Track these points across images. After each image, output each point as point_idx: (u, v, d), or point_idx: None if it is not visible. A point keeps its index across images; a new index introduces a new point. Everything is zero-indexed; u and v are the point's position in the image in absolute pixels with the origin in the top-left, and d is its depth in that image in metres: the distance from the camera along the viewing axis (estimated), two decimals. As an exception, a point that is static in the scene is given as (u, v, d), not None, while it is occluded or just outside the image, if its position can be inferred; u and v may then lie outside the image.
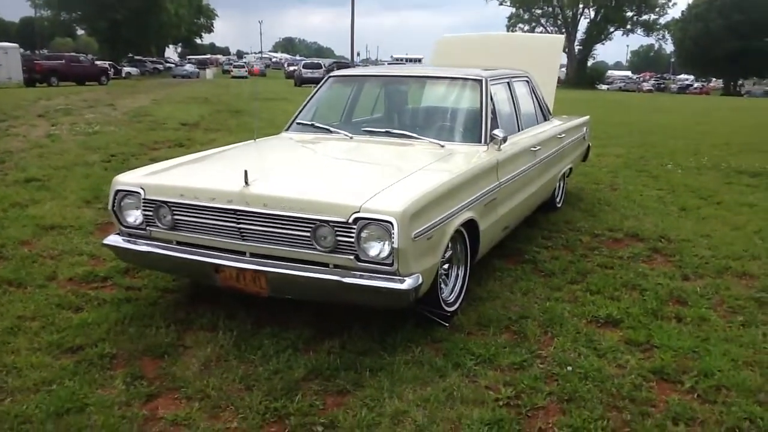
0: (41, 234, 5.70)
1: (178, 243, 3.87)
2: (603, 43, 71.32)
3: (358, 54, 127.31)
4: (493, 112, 4.89)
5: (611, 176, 9.00)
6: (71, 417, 2.95)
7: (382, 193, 3.44)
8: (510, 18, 69.94)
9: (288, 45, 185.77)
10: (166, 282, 4.60)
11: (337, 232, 3.36)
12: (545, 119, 6.25)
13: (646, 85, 67.37)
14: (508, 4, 69.02)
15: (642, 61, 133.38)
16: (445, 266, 4.03)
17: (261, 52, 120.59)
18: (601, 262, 5.16)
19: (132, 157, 9.79)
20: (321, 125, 5.12)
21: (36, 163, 9.11)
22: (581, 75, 64.87)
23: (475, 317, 4.05)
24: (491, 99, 4.92)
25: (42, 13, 70.25)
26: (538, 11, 68.73)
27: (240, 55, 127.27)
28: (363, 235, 3.33)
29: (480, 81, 4.97)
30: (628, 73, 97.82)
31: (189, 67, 58.15)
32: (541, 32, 68.75)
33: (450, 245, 4.04)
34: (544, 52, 7.16)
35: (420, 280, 3.38)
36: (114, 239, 4.07)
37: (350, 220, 3.31)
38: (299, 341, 3.67)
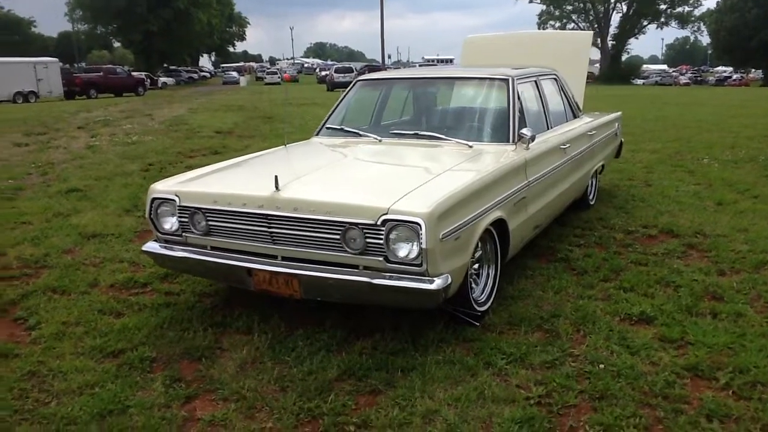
0: (83, 242, 5.87)
1: (213, 248, 3.96)
2: (636, 38, 70.31)
3: (389, 56, 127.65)
4: (521, 111, 4.90)
5: (646, 172, 8.89)
6: (114, 418, 3.06)
7: (410, 195, 3.48)
8: (540, 15, 69.43)
9: (319, 50, 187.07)
10: (203, 286, 4.71)
11: (366, 234, 3.41)
12: (575, 117, 6.22)
13: (683, 79, 66.08)
14: (539, 1, 68.49)
15: (678, 54, 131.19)
16: (475, 266, 4.06)
17: (293, 58, 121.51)
18: (635, 259, 5.12)
19: (169, 165, 10.00)
20: (350, 129, 5.18)
21: (77, 173, 9.37)
22: (615, 70, 63.93)
23: (507, 316, 4.07)
24: (518, 98, 4.92)
25: (79, 27, 71.84)
26: (569, 7, 67.95)
27: (273, 61, 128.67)
28: (391, 236, 3.37)
29: (507, 80, 4.98)
30: (664, 66, 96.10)
31: (234, 74, 62.66)
32: (572, 29, 68.14)
33: (479, 245, 4.07)
34: (573, 49, 7.13)
35: (449, 280, 3.41)
36: (152, 246, 4.19)
37: (379, 222, 3.36)
38: (332, 342, 3.73)
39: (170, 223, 4.09)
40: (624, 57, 72.44)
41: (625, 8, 66.59)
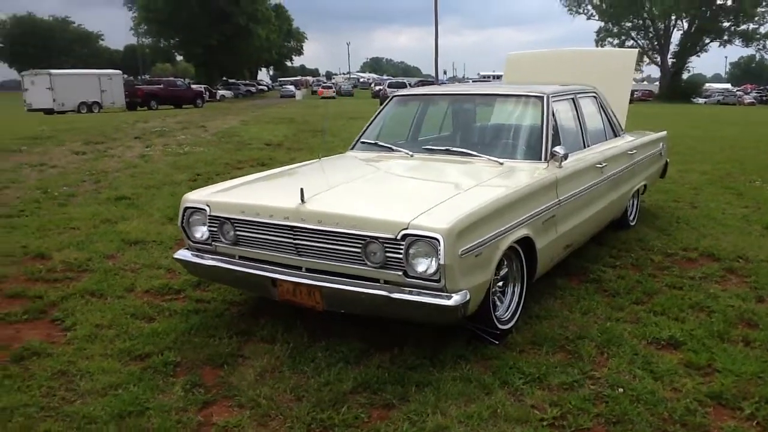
0: (125, 248, 6.06)
1: (241, 258, 4.05)
2: (698, 55, 68.38)
3: (445, 72, 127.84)
4: (555, 128, 4.86)
5: (693, 193, 8.66)
6: (132, 419, 3.15)
7: (431, 211, 3.49)
8: (598, 32, 68.34)
9: (375, 65, 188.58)
10: (233, 295, 4.80)
11: (386, 248, 3.44)
12: (615, 135, 6.13)
13: (748, 98, 63.93)
14: (597, 18, 67.48)
15: (743, 72, 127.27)
16: (500, 284, 4.03)
17: (349, 73, 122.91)
18: (670, 282, 5.00)
19: (216, 176, 10.22)
20: (383, 144, 5.23)
21: (128, 182, 9.68)
22: (676, 89, 62.42)
23: (530, 336, 4.02)
24: (553, 116, 4.89)
25: (143, 41, 74.36)
26: (628, 24, 66.73)
27: (329, 76, 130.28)
28: (411, 251, 3.39)
29: (541, 98, 4.95)
30: (728, 85, 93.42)
31: (291, 88, 64.29)
32: (630, 46, 66.93)
33: (505, 263, 4.05)
34: (616, 67, 7.03)
35: (467, 297, 3.40)
36: (183, 254, 4.31)
37: (399, 237, 3.38)
38: (351, 354, 3.75)
39: (201, 232, 4.20)
40: (685, 75, 70.77)
41: (686, 25, 65.05)
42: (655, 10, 63.65)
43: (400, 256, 3.41)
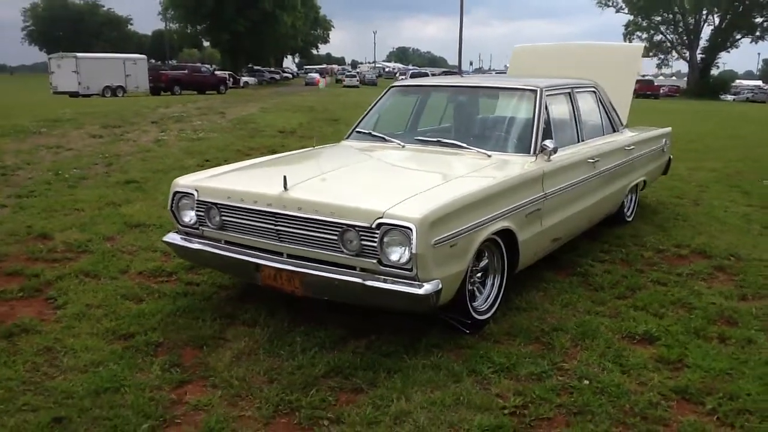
0: (126, 231, 6.19)
1: (226, 242, 4.14)
2: (728, 51, 67.09)
3: (471, 63, 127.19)
4: (546, 122, 4.88)
5: (698, 191, 8.60)
6: (107, 395, 3.25)
7: (408, 201, 3.55)
8: (627, 26, 67.36)
9: (402, 55, 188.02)
10: (223, 279, 4.90)
11: (362, 237, 3.51)
12: (614, 130, 6.12)
13: (778, 95, 62.76)
14: (626, 11, 66.54)
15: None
16: (479, 275, 4.09)
17: (375, 62, 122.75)
18: (657, 278, 5.00)
19: (225, 162, 10.30)
20: (377, 134, 5.28)
21: (138, 166, 9.84)
22: (704, 85, 61.47)
23: (507, 326, 4.07)
24: (546, 109, 4.90)
25: (171, 26, 74.85)
26: (657, 18, 65.69)
27: (354, 64, 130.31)
28: (385, 240, 3.46)
29: (535, 92, 4.97)
30: (759, 82, 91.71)
31: (316, 75, 64.66)
32: (660, 40, 66.03)
33: (486, 254, 4.10)
34: (621, 62, 6.99)
35: (439, 286, 3.46)
36: (172, 237, 4.42)
37: (373, 225, 3.45)
38: (328, 340, 3.84)
39: (189, 216, 4.30)
40: (715, 71, 69.63)
41: (717, 20, 63.88)
42: (686, 4, 62.64)
43: (375, 244, 3.47)
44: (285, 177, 3.83)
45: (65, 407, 3.14)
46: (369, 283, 3.50)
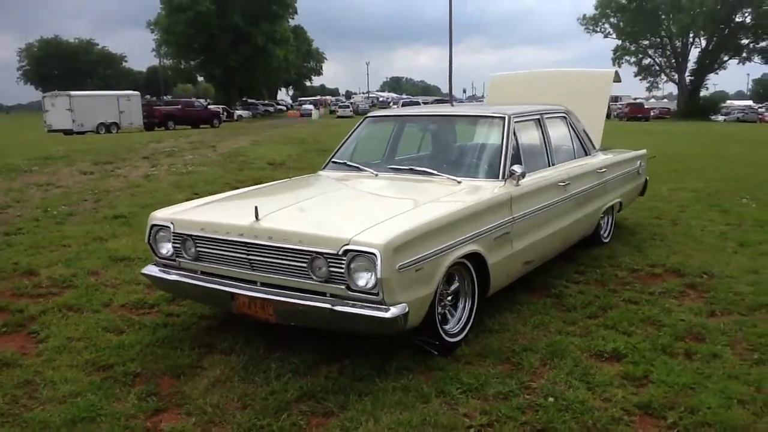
0: (110, 265, 6.29)
1: (203, 273, 4.24)
2: (717, 73, 67.83)
3: (464, 91, 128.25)
4: (515, 148, 5.01)
5: (678, 210, 8.72)
6: (83, 425, 3.34)
7: (374, 227, 3.66)
8: (615, 50, 68.21)
9: (395, 84, 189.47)
10: (203, 310, 4.98)
11: (330, 263, 3.62)
12: (586, 154, 6.26)
13: (768, 115, 63.25)
14: (614, 36, 67.43)
15: (766, 89, 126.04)
16: (449, 298, 4.19)
17: (368, 92, 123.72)
18: (629, 297, 5.10)
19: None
20: (351, 163, 5.41)
21: (127, 201, 9.96)
22: (693, 106, 62.10)
23: (479, 348, 4.16)
24: (514, 135, 5.04)
25: (165, 62, 75.63)
26: (645, 42, 66.56)
27: (348, 95, 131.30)
28: (352, 266, 3.56)
29: (503, 118, 5.11)
30: (750, 102, 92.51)
31: (310, 107, 65.16)
32: (648, 64, 66.79)
33: (456, 277, 4.21)
34: (593, 87, 7.18)
35: (406, 310, 3.56)
36: (150, 269, 4.52)
37: (340, 252, 3.56)
38: (302, 366, 3.92)
39: (166, 249, 4.41)
40: (705, 92, 70.31)
41: (704, 43, 64.70)
42: (673, 28, 63.56)
43: (343, 270, 3.58)
44: (256, 207, 3.95)
45: (41, 437, 3.21)
46: (338, 308, 3.60)
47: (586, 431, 3.20)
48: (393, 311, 3.51)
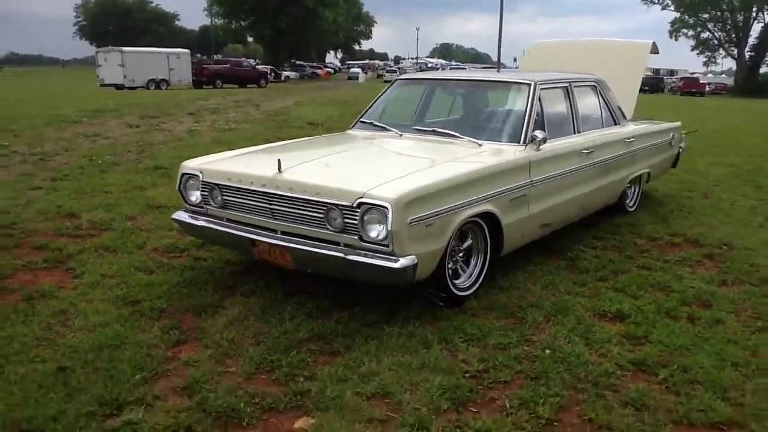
0: (147, 212, 6.60)
1: (228, 220, 4.47)
2: (779, 48, 65.04)
3: (515, 59, 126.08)
4: (539, 114, 5.08)
5: (711, 184, 8.64)
6: (109, 351, 3.61)
7: (388, 183, 3.81)
8: (673, 23, 66.02)
9: (445, 50, 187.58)
10: (229, 255, 5.24)
11: (345, 215, 3.80)
12: (615, 123, 6.27)
13: (831, 94, 60.58)
14: (672, 8, 65.24)
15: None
16: (461, 254, 4.34)
17: (417, 57, 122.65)
18: (643, 263, 5.18)
19: (252, 151, 10.72)
20: (378, 123, 5.55)
21: (168, 154, 10.30)
22: (751, 83, 59.91)
23: (487, 303, 4.32)
24: (539, 102, 5.11)
25: (216, 21, 76.14)
26: (705, 15, 64.26)
27: (397, 60, 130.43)
28: (365, 218, 3.74)
29: (529, 85, 5.17)
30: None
31: (357, 71, 67.13)
32: (707, 38, 64.57)
33: (470, 235, 4.36)
34: (629, 58, 7.13)
35: (414, 261, 3.72)
36: (180, 215, 4.78)
37: (355, 204, 3.73)
38: (315, 310, 4.14)
39: (195, 196, 4.64)
40: (765, 69, 67.67)
41: (767, 17, 62.21)
42: (735, 2, 61.17)
43: (356, 222, 3.76)
44: (279, 160, 4.14)
45: (70, 359, 3.50)
46: (350, 257, 3.78)
47: (577, 381, 3.34)
48: (402, 262, 3.68)
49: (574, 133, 5.56)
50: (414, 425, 2.93)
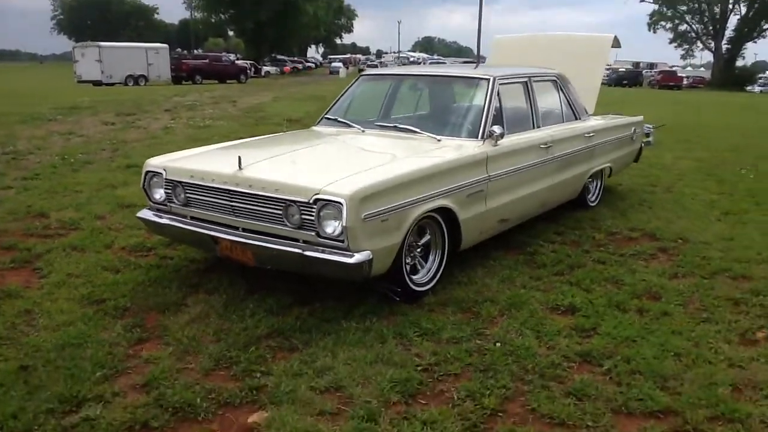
0: (117, 211, 6.66)
1: (191, 218, 4.55)
2: (755, 41, 65.99)
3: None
4: (497, 109, 5.20)
5: (676, 179, 8.83)
6: (71, 349, 3.67)
7: (344, 179, 3.91)
8: (652, 15, 66.71)
9: (427, 44, 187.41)
10: (195, 254, 5.31)
11: (302, 211, 3.89)
12: (576, 118, 6.41)
13: (807, 87, 61.38)
14: (650, 0, 65.86)
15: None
16: (419, 250, 4.45)
17: (399, 52, 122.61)
18: (599, 257, 5.32)
19: (226, 148, 10.77)
20: (341, 120, 5.65)
21: (143, 152, 10.29)
22: (728, 76, 60.63)
23: (444, 298, 4.43)
24: (498, 97, 5.22)
25: (196, 15, 75.74)
26: (683, 8, 64.92)
27: (379, 54, 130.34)
28: (321, 214, 3.84)
29: (488, 80, 5.29)
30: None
31: (339, 65, 66.87)
32: (684, 30, 65.24)
33: (428, 230, 4.47)
34: (591, 52, 7.29)
35: (370, 257, 3.83)
36: (144, 213, 4.85)
37: (311, 201, 3.83)
38: (276, 306, 4.23)
39: (159, 194, 4.72)
40: (742, 62, 68.53)
41: (744, 10, 62.95)
42: (713, -7, 61.92)
43: (313, 217, 3.86)
44: (239, 157, 4.23)
45: (33, 358, 3.57)
46: (308, 253, 3.89)
47: (524, 373, 3.47)
48: (357, 257, 3.79)
49: (534, 128, 5.69)
50: (363, 417, 3.04)
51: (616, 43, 7.39)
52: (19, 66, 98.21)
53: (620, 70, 59.76)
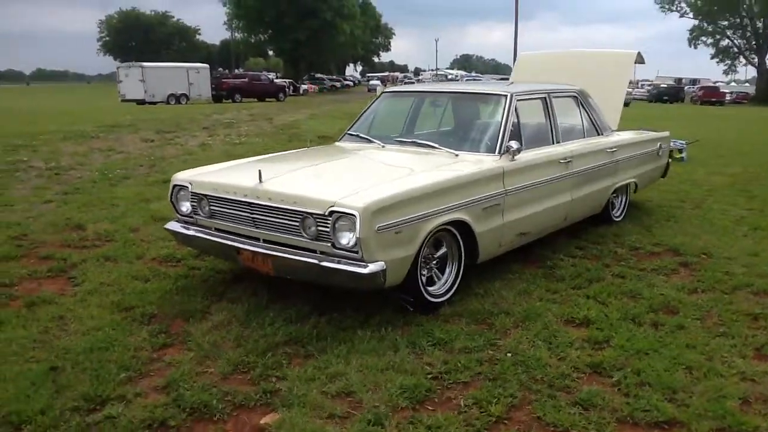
0: (150, 223, 6.89)
1: (216, 229, 4.73)
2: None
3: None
4: (515, 125, 5.29)
5: (706, 194, 8.75)
6: (98, 352, 3.86)
7: (359, 192, 4.05)
8: (692, 31, 65.74)
9: (465, 62, 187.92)
10: (223, 264, 5.49)
11: (318, 223, 4.03)
12: (598, 134, 6.45)
13: None
14: (691, 16, 64.94)
15: None
16: (435, 262, 4.55)
17: (437, 69, 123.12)
18: (619, 272, 5.33)
19: (259, 164, 11.03)
20: (363, 135, 5.80)
21: (179, 167, 10.51)
22: (772, 91, 59.31)
23: (460, 309, 4.51)
24: (515, 113, 5.31)
25: (237, 36, 77.25)
26: (724, 23, 63.86)
27: (417, 72, 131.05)
28: (337, 225, 3.97)
29: (505, 96, 5.38)
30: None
31: (376, 82, 68.92)
32: (726, 45, 64.17)
33: (444, 243, 4.57)
34: (613, 69, 7.32)
35: (383, 267, 3.94)
36: (172, 225, 5.05)
37: (327, 213, 3.97)
38: (295, 315, 4.36)
39: (186, 206, 4.92)
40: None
41: (789, 24, 61.57)
42: (755, 7, 60.72)
43: (328, 229, 3.99)
44: (260, 171, 4.40)
45: (62, 360, 3.76)
46: (324, 263, 4.02)
47: (533, 383, 3.52)
48: (371, 268, 3.91)
49: (553, 143, 5.75)
50: (370, 421, 3.14)
51: (640, 59, 7.40)
52: (67, 86, 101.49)
53: (661, 86, 59.04)
